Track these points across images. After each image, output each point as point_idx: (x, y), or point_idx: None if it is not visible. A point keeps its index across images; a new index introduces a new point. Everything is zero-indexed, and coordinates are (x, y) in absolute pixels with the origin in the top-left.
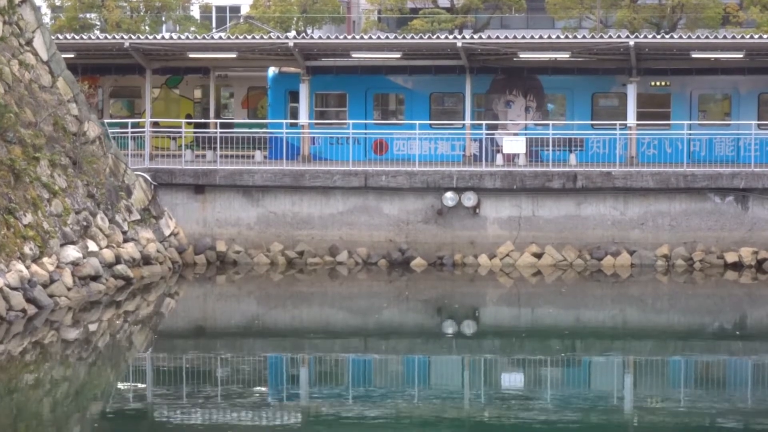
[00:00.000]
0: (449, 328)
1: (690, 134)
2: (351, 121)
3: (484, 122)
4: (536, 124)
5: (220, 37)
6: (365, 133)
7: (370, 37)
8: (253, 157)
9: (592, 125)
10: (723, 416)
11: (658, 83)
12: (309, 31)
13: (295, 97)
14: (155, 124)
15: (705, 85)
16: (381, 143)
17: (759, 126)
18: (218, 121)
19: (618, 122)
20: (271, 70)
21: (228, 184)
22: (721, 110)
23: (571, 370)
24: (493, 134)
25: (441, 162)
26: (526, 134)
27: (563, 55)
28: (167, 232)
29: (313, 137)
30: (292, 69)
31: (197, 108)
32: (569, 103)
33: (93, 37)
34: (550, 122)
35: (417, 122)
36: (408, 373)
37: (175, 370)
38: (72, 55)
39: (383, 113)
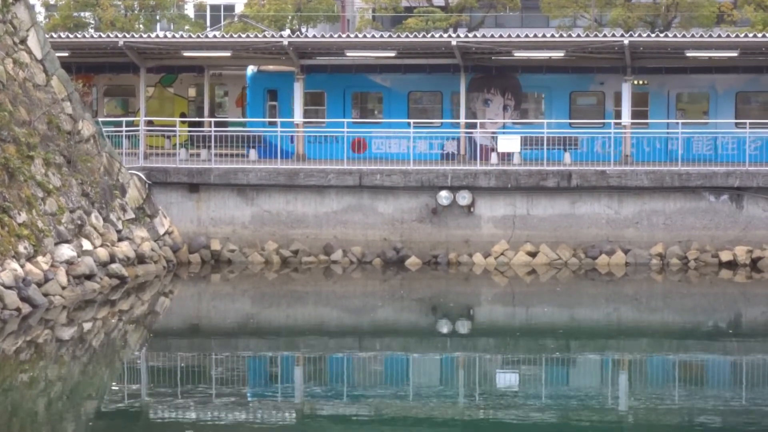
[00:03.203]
0: (444, 327)
1: (685, 133)
2: (328, 120)
3: (462, 120)
4: (514, 123)
5: (215, 36)
6: (345, 132)
7: (365, 36)
8: (246, 156)
9: (570, 124)
10: (717, 415)
11: (636, 82)
12: (303, 30)
13: (273, 95)
14: (150, 123)
15: (683, 83)
16: (360, 142)
17: (736, 125)
18: (213, 119)
19: (596, 121)
20: (250, 69)
21: (222, 183)
22: (699, 109)
23: (565, 369)
24: (472, 132)
25: (421, 161)
26: (521, 133)
27: (558, 54)
28: (162, 231)
29: (293, 136)
30: (270, 67)
31: (192, 107)
32: (547, 101)
33: (87, 36)
34: (528, 121)
35: (399, 120)
36: (402, 372)
37: (169, 369)
38: (66, 54)
39: (362, 112)
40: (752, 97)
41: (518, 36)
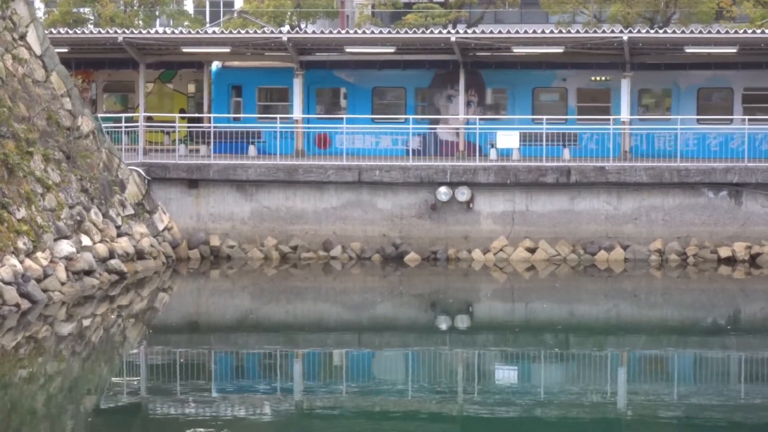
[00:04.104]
0: (443, 322)
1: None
2: (293, 116)
3: (426, 116)
4: (478, 119)
5: (214, 32)
6: (309, 127)
7: (364, 32)
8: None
9: (533, 120)
10: (715, 410)
11: (598, 78)
12: (303, 26)
13: (238, 91)
14: (149, 119)
15: (645, 80)
16: (324, 137)
17: (698, 121)
18: (212, 115)
19: (558, 117)
20: (214, 65)
21: (222, 179)
22: (662, 105)
23: (564, 365)
24: (435, 128)
25: (383, 156)
26: (519, 129)
27: (557, 50)
28: (161, 227)
29: (259, 131)
30: (235, 63)
31: (191, 102)
32: (510, 97)
33: (86, 32)
34: (491, 117)
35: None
36: (401, 368)
37: (168, 364)
38: (65, 50)
39: (326, 107)
40: (714, 94)
41: (517, 32)
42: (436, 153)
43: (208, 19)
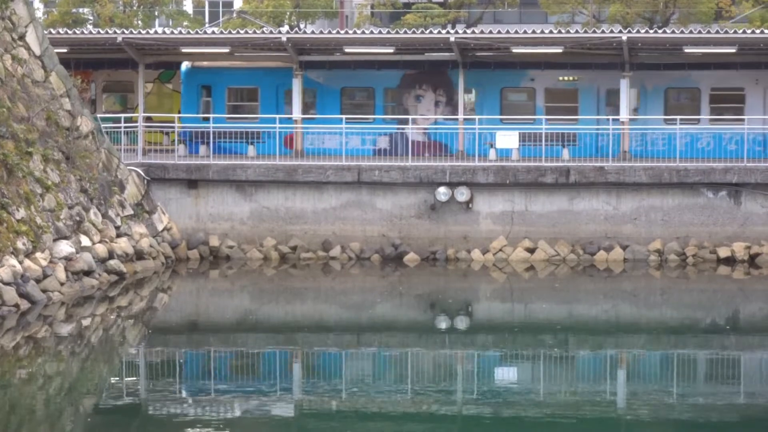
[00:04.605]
0: (442, 323)
1: (681, 129)
2: (260, 116)
3: (394, 116)
4: (446, 119)
5: (213, 32)
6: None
7: (363, 32)
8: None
9: (501, 120)
10: (715, 410)
11: (565, 78)
12: (302, 26)
13: (208, 91)
14: (148, 119)
15: (612, 79)
16: (292, 138)
17: (665, 121)
18: (211, 115)
19: (526, 117)
20: (184, 65)
21: (221, 179)
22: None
23: (563, 365)
24: (403, 128)
25: (352, 156)
26: (519, 129)
27: (556, 50)
28: (160, 227)
29: (225, 131)
30: (205, 63)
31: None
32: (479, 97)
33: (86, 32)
34: (459, 117)
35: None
36: (401, 368)
37: (167, 364)
38: (65, 50)
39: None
40: (681, 94)
41: (517, 32)
42: (404, 153)
43: (207, 20)
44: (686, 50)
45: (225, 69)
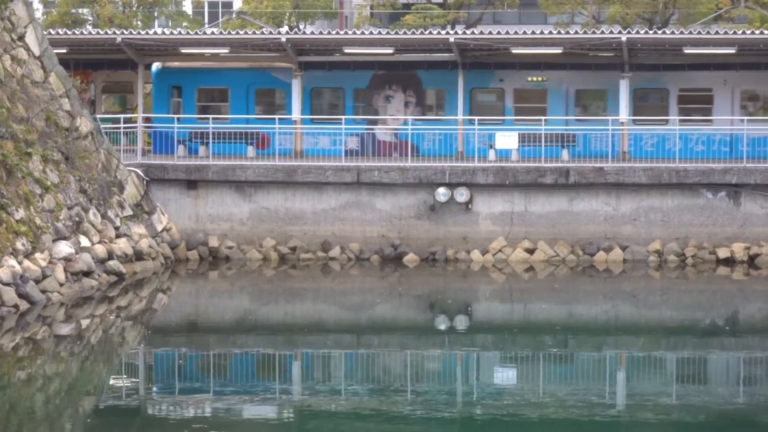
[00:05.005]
0: (442, 323)
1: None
2: (231, 116)
3: (363, 117)
4: (415, 119)
5: (213, 33)
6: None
7: (363, 33)
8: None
9: (470, 120)
10: (714, 411)
11: (534, 78)
12: (301, 27)
13: (178, 91)
14: (147, 120)
15: (580, 80)
16: (263, 138)
17: (635, 122)
18: (210, 116)
19: (495, 117)
20: (155, 65)
21: (220, 180)
22: (599, 106)
23: (563, 366)
24: (373, 129)
25: (323, 156)
26: (517, 130)
27: (555, 50)
28: (159, 228)
29: (200, 132)
30: (175, 64)
31: None
32: (449, 98)
33: (85, 33)
34: (428, 118)
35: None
36: (400, 369)
37: (167, 365)
38: (64, 51)
39: (265, 108)
40: (650, 95)
41: (516, 33)
42: (374, 153)
43: (206, 20)
44: (686, 51)
45: (195, 69)
